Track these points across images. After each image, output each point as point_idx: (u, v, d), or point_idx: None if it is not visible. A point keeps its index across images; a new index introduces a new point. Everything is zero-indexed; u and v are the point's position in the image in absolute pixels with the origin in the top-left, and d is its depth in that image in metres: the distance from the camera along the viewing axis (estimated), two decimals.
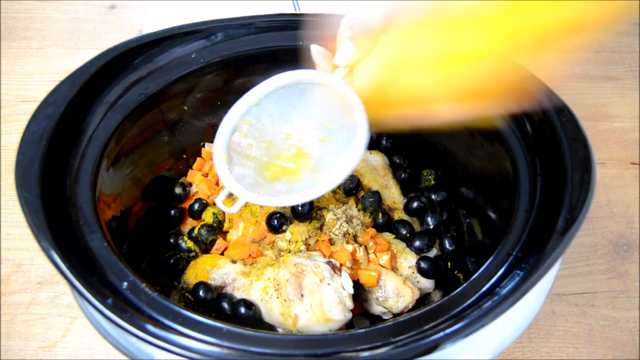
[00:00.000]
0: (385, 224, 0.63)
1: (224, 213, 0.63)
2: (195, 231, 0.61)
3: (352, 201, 0.63)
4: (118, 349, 0.43)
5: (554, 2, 0.38)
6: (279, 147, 0.50)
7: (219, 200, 0.49)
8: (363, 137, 0.47)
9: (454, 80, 0.44)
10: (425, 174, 0.70)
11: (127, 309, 0.39)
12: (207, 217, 0.62)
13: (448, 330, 0.38)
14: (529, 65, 0.43)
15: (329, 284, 0.50)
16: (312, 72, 0.48)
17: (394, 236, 0.62)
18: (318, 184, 0.48)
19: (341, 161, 0.49)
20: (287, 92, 0.49)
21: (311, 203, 0.59)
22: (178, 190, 0.66)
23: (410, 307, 0.56)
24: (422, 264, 0.58)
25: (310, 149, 0.50)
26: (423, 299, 0.59)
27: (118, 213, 0.54)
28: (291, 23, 0.60)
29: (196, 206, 0.64)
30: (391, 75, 0.47)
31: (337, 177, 0.48)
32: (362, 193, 0.64)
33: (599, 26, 0.38)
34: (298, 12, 0.90)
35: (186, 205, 0.66)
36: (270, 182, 0.49)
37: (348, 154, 0.48)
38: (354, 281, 0.54)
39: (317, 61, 0.49)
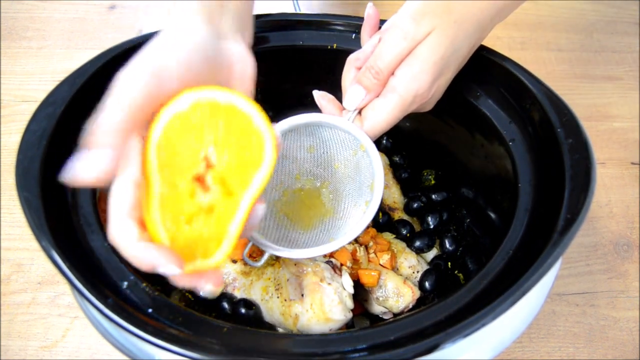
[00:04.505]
0: (385, 223, 0.63)
1: None
2: None
3: None
4: (119, 348, 0.43)
5: None
6: (290, 189, 0.50)
7: (245, 254, 0.49)
8: (380, 180, 0.48)
9: None
10: (425, 174, 0.70)
11: (127, 308, 0.39)
12: None
13: (448, 330, 0.38)
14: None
15: (329, 284, 0.50)
16: (321, 115, 0.49)
17: (394, 236, 0.62)
18: (343, 233, 0.49)
19: (359, 205, 0.50)
20: (295, 134, 0.50)
21: None
22: None
23: (410, 306, 0.56)
24: (426, 284, 0.57)
25: (322, 188, 0.51)
26: (423, 298, 0.59)
27: None
28: (291, 23, 0.60)
29: None
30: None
31: (365, 218, 0.48)
32: None
33: None
34: (298, 12, 0.90)
35: None
36: (292, 224, 0.50)
37: (366, 197, 0.49)
38: (354, 281, 0.54)
39: (322, 105, 0.49)
